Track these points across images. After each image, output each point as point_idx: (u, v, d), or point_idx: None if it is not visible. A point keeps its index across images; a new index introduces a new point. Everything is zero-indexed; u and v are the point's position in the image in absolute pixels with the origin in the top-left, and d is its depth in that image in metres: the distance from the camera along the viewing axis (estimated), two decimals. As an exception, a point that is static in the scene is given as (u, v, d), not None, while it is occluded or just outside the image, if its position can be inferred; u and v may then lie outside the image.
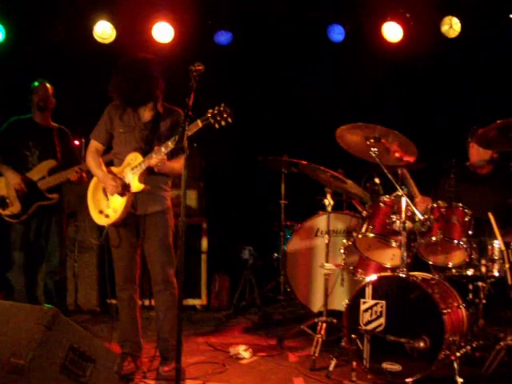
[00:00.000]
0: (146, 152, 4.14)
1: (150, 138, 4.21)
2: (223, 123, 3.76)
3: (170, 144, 3.95)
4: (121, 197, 4.17)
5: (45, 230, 5.20)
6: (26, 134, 5.18)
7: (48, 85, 5.28)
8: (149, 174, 4.16)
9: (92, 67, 6.55)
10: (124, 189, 4.15)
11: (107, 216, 4.22)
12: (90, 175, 4.52)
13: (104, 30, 6.61)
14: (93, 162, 4.32)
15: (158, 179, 4.24)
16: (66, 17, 6.63)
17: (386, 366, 3.92)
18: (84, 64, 6.66)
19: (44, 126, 5.28)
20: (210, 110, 3.76)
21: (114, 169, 4.29)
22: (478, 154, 5.12)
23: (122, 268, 4.31)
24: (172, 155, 4.10)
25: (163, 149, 4.00)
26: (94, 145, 4.35)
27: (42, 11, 6.56)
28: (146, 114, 4.26)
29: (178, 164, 4.12)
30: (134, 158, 4.16)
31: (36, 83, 5.26)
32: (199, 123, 3.80)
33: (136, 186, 4.14)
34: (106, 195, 4.26)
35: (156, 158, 4.03)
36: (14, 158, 5.15)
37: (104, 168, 4.30)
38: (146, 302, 5.46)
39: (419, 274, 4.30)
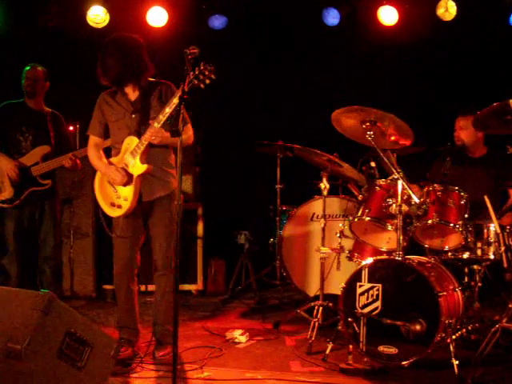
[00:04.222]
0: (141, 134, 4.11)
1: (142, 119, 4.17)
2: (207, 81, 3.69)
3: (162, 117, 3.95)
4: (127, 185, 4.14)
5: (38, 215, 5.16)
6: (19, 119, 5.11)
7: (39, 68, 5.16)
8: (151, 153, 4.12)
9: (86, 52, 6.49)
10: (127, 178, 4.12)
11: (119, 206, 4.18)
12: (88, 165, 4.48)
13: (97, 15, 6.53)
14: (93, 155, 4.30)
15: (159, 161, 4.20)
16: (60, 1, 6.56)
17: (383, 348, 3.93)
18: (78, 48, 6.60)
19: (37, 111, 5.19)
20: (191, 73, 3.65)
21: (113, 159, 4.25)
22: (467, 135, 5.11)
23: (122, 257, 4.30)
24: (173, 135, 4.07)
25: (156, 124, 3.98)
26: (93, 139, 4.33)
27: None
28: (132, 94, 4.24)
29: (185, 135, 4.07)
30: (131, 141, 4.14)
31: (27, 67, 5.15)
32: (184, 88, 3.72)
33: (139, 167, 4.10)
34: (114, 186, 4.22)
35: (150, 132, 4.01)
36: (7, 142, 5.09)
37: (105, 160, 4.27)
38: (142, 288, 5.45)
39: (415, 258, 4.31)
